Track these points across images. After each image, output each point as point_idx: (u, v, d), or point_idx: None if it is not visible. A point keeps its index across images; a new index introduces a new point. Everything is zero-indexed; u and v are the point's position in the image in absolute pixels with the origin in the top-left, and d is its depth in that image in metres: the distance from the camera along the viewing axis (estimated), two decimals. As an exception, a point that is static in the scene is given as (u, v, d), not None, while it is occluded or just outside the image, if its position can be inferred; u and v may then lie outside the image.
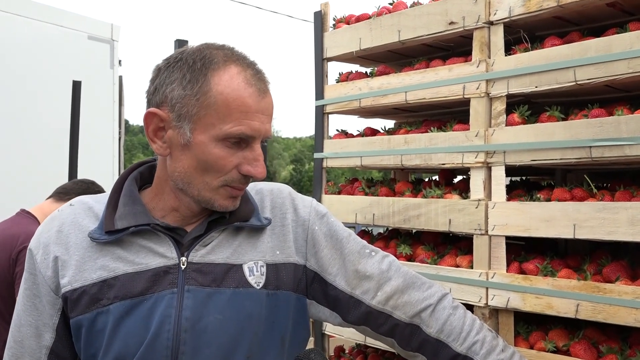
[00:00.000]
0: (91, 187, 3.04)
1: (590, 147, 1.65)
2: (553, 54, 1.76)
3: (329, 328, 2.45)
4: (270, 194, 1.47)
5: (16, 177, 4.82)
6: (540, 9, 1.79)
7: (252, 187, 1.48)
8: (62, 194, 3.01)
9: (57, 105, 5.06)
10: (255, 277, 1.35)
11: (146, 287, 1.30)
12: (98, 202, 1.42)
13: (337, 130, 2.55)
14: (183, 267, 1.32)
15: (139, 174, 1.45)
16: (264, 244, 1.39)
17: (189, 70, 1.29)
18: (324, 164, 2.49)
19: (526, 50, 1.86)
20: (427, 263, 2.09)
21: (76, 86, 4.53)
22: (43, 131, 5.29)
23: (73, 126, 4.51)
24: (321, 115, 2.51)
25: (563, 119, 1.79)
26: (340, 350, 2.60)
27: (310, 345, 3.84)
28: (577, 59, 1.70)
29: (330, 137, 2.52)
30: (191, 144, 1.29)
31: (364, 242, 1.50)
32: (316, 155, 2.51)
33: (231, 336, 1.30)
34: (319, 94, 2.52)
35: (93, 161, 4.37)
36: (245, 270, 1.34)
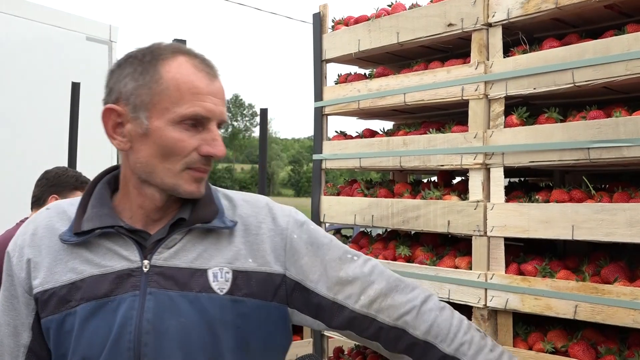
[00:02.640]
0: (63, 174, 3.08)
1: (589, 148, 1.66)
2: (551, 55, 1.77)
3: (328, 329, 2.45)
4: (245, 203, 1.47)
5: (14, 178, 4.81)
6: (538, 11, 1.80)
7: (223, 194, 1.49)
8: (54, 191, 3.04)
9: (56, 107, 5.07)
10: (219, 283, 1.35)
11: (110, 289, 1.32)
12: (72, 205, 1.44)
13: (336, 131, 2.55)
14: (146, 270, 1.33)
15: (112, 178, 1.47)
16: (233, 250, 1.39)
17: (140, 64, 1.34)
18: (323, 165, 2.49)
19: (524, 52, 1.86)
20: (426, 264, 2.10)
21: (75, 88, 4.53)
22: (42, 133, 5.29)
23: (72, 127, 4.51)
24: (320, 117, 2.52)
25: (561, 121, 1.80)
26: (339, 351, 2.61)
27: (309, 346, 3.84)
28: (575, 61, 1.71)
29: (329, 139, 2.52)
30: (149, 131, 1.32)
31: (346, 247, 1.49)
32: (315, 156, 2.52)
33: (193, 340, 1.31)
34: (318, 95, 2.52)
35: (92, 162, 4.37)
36: (210, 276, 1.35)
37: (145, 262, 1.34)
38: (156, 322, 1.30)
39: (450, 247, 2.17)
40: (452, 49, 2.22)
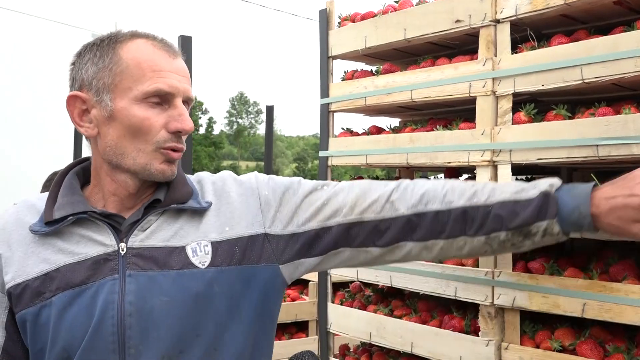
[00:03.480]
0: None
1: (597, 145, 1.65)
2: (560, 52, 1.76)
3: (333, 326, 2.45)
4: (211, 183, 1.48)
5: (20, 176, 4.83)
6: (547, 7, 1.78)
7: (194, 178, 1.50)
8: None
9: (61, 103, 5.09)
10: (199, 257, 1.34)
11: (87, 275, 1.31)
12: (40, 199, 1.43)
13: (342, 128, 2.55)
14: (122, 252, 1.32)
15: (81, 170, 1.47)
16: (208, 225, 1.38)
17: (98, 49, 1.36)
18: (329, 162, 2.49)
19: (533, 48, 1.85)
20: (432, 262, 2.09)
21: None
22: (47, 130, 5.30)
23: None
24: (326, 114, 2.51)
25: (570, 118, 1.79)
26: (345, 348, 2.60)
27: (314, 343, 3.85)
28: (584, 57, 1.69)
29: (335, 136, 2.51)
30: (114, 112, 1.33)
31: (314, 181, 1.51)
32: (321, 153, 2.51)
33: (179, 317, 1.30)
34: (324, 92, 2.52)
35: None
36: (189, 252, 1.34)
37: (122, 245, 1.33)
38: (139, 303, 1.29)
39: (457, 244, 2.16)
40: (460, 45, 2.21)
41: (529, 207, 1.36)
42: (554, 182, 1.38)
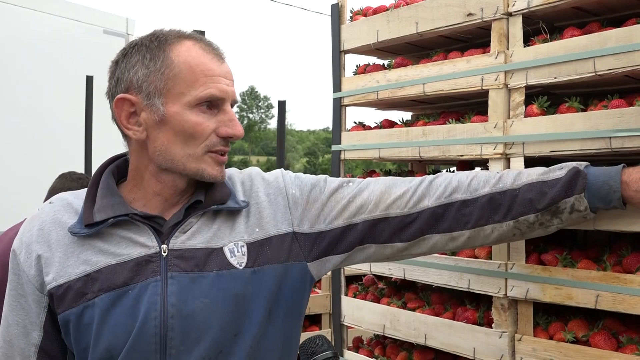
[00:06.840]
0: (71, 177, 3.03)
1: (610, 137, 1.65)
2: (572, 44, 1.76)
3: (347, 319, 2.46)
4: (240, 182, 1.49)
5: (30, 172, 4.86)
6: (559, 0, 1.78)
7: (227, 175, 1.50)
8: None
9: (73, 100, 5.10)
10: (237, 257, 1.36)
11: (129, 277, 1.32)
12: (77, 198, 1.43)
13: (355, 122, 2.56)
14: (164, 254, 1.33)
15: (116, 168, 1.47)
16: (240, 225, 1.40)
17: (148, 51, 1.34)
18: (342, 156, 2.50)
19: (545, 41, 1.85)
20: (445, 254, 2.10)
21: (89, 81, 4.57)
22: (59, 126, 5.33)
23: (87, 121, 4.55)
24: (339, 108, 2.52)
25: (582, 110, 1.79)
26: (359, 341, 2.62)
27: (328, 337, 3.86)
28: (597, 50, 1.69)
29: (348, 130, 2.52)
30: (166, 117, 1.32)
31: (340, 178, 1.53)
32: (334, 147, 2.52)
33: (219, 318, 1.32)
34: (337, 86, 2.53)
35: (108, 155, 4.41)
36: (227, 252, 1.36)
37: (164, 246, 1.34)
38: (180, 305, 1.31)
39: (470, 237, 2.16)
40: (472, 38, 2.21)
41: (558, 184, 1.38)
42: (582, 162, 1.40)
